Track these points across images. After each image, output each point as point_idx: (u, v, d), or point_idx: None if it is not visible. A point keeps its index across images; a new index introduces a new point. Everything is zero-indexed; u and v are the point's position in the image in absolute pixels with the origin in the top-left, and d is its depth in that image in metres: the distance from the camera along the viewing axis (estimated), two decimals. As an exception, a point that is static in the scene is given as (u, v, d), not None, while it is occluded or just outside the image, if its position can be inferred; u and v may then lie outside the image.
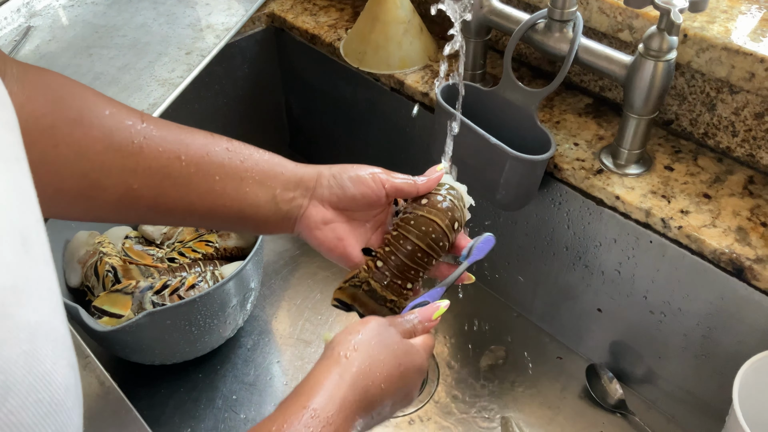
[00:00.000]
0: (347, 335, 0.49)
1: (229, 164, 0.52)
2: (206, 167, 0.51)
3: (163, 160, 0.49)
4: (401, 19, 0.91)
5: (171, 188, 0.50)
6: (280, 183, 0.54)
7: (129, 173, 0.48)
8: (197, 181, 0.50)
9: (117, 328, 0.73)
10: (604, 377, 0.85)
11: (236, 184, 0.52)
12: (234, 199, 0.52)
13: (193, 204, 0.51)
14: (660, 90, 0.69)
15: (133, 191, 0.48)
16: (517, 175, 0.75)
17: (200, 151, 0.51)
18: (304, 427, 0.42)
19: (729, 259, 0.66)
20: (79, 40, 0.99)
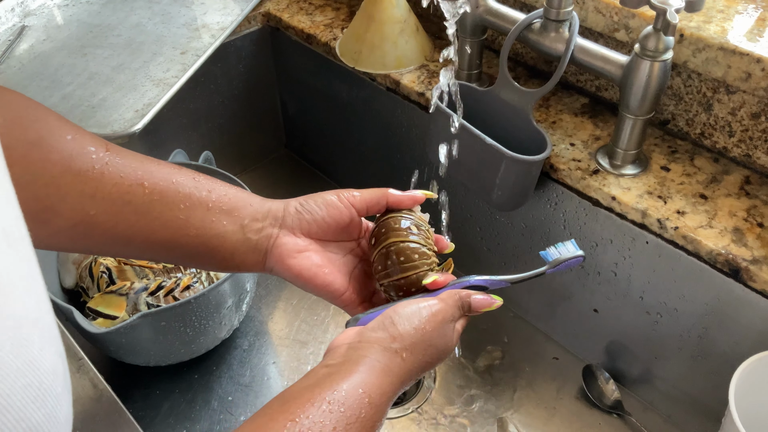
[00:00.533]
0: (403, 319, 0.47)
1: (195, 193, 0.50)
2: (171, 195, 0.49)
3: (124, 187, 0.47)
4: (397, 18, 0.91)
5: (131, 215, 0.47)
6: (248, 214, 0.52)
7: (87, 198, 0.45)
8: (160, 209, 0.48)
9: (111, 329, 0.73)
10: (600, 378, 0.85)
11: (202, 213, 0.50)
12: (199, 228, 0.50)
13: (155, 233, 0.49)
14: (656, 90, 0.68)
15: (90, 218, 0.46)
16: (513, 176, 0.75)
17: (165, 179, 0.49)
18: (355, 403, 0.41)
19: (725, 260, 0.66)
20: (74, 39, 0.99)
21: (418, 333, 0.46)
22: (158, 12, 1.05)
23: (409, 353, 0.46)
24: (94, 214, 0.46)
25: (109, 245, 0.49)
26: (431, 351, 0.47)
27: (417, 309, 0.48)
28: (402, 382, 0.45)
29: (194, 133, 1.10)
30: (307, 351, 0.91)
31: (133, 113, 0.84)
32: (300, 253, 0.52)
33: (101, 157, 0.47)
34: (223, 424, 0.83)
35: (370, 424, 0.42)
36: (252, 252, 0.52)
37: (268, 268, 0.53)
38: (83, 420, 0.56)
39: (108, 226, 0.47)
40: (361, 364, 0.44)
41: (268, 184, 1.18)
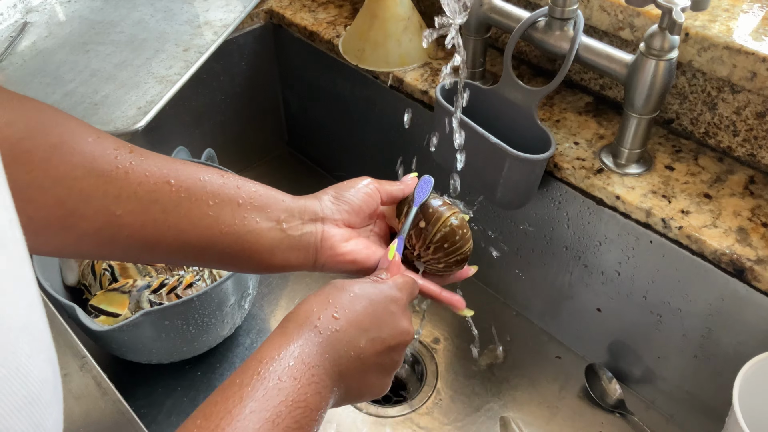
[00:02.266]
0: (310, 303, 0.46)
1: (223, 190, 0.48)
2: (198, 192, 0.47)
3: (150, 185, 0.45)
4: (400, 16, 0.91)
5: (159, 214, 0.46)
6: (282, 210, 0.51)
7: (111, 199, 0.44)
8: (189, 206, 0.47)
9: (114, 327, 0.73)
10: (603, 377, 0.85)
11: (232, 210, 0.48)
12: (231, 226, 0.48)
13: (185, 232, 0.47)
14: (661, 89, 0.68)
15: (116, 218, 0.44)
16: (517, 175, 0.75)
17: (192, 177, 0.47)
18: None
19: (729, 260, 0.66)
20: (76, 36, 0.98)
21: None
22: (161, 9, 1.05)
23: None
24: (120, 214, 0.45)
25: (136, 248, 0.47)
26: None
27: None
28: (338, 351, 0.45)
29: (196, 131, 1.10)
30: (309, 349, 0.91)
31: (136, 110, 0.84)
32: (347, 241, 0.54)
33: (125, 157, 0.45)
34: (225, 422, 0.83)
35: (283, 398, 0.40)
36: (295, 250, 0.52)
37: (319, 264, 0.53)
38: (87, 418, 0.56)
39: (135, 228, 0.45)
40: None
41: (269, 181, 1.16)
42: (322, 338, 0.43)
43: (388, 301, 0.48)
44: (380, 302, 0.47)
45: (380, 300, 0.47)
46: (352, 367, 0.45)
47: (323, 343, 0.43)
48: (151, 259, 0.49)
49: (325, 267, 0.54)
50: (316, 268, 0.54)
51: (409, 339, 0.49)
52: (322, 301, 0.46)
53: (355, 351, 0.45)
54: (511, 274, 0.93)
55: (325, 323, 0.44)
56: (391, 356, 0.48)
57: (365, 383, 0.47)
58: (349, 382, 0.45)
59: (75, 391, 0.57)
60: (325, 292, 0.47)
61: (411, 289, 0.52)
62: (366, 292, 0.47)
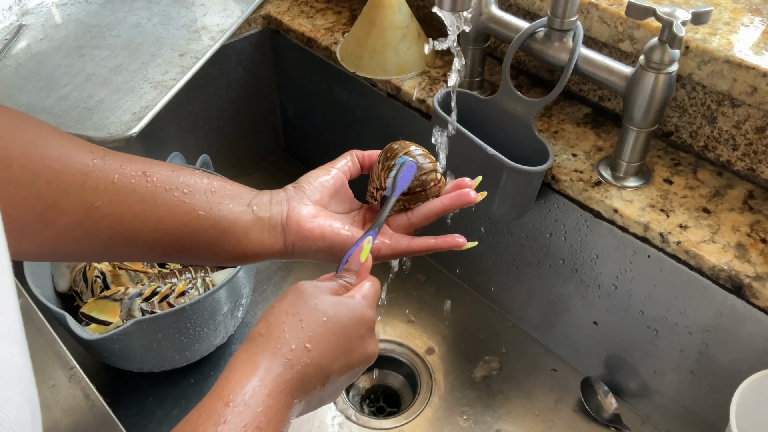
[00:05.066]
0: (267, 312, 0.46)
1: (196, 181, 0.50)
2: (173, 182, 0.49)
3: (126, 176, 0.47)
4: (399, 24, 0.90)
5: (137, 204, 0.47)
6: (252, 195, 0.53)
7: (90, 191, 0.45)
8: (165, 195, 0.48)
9: (105, 336, 0.72)
10: (599, 390, 0.84)
11: (207, 197, 0.50)
12: (206, 211, 0.50)
13: (163, 221, 0.48)
14: (660, 103, 0.68)
15: (95, 210, 0.45)
16: (514, 186, 0.74)
17: (166, 169, 0.49)
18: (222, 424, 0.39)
19: (728, 276, 0.65)
20: (72, 39, 0.98)
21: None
22: (157, 13, 1.04)
23: None
24: (99, 206, 0.45)
25: (116, 241, 0.47)
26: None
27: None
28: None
29: (192, 136, 1.09)
30: (302, 359, 0.90)
31: (131, 116, 0.83)
32: (315, 217, 0.53)
33: (99, 153, 0.47)
34: None
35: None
36: (267, 231, 0.52)
37: (288, 243, 0.53)
38: (74, 430, 0.55)
39: (114, 219, 0.46)
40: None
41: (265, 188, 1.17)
42: (293, 373, 0.43)
43: (359, 323, 0.47)
44: (352, 328, 0.46)
45: (352, 325, 0.46)
46: (317, 390, 0.45)
47: (293, 379, 0.43)
48: (130, 254, 0.50)
49: (295, 247, 0.53)
50: (287, 247, 0.53)
51: (373, 360, 0.49)
52: (294, 324, 0.44)
53: (322, 379, 0.45)
54: (508, 286, 0.92)
55: (298, 356, 0.43)
56: (354, 373, 0.48)
57: (325, 396, 0.47)
58: (310, 400, 0.45)
59: (63, 402, 0.56)
60: (296, 309, 0.45)
61: (378, 298, 0.51)
62: (338, 315, 0.46)
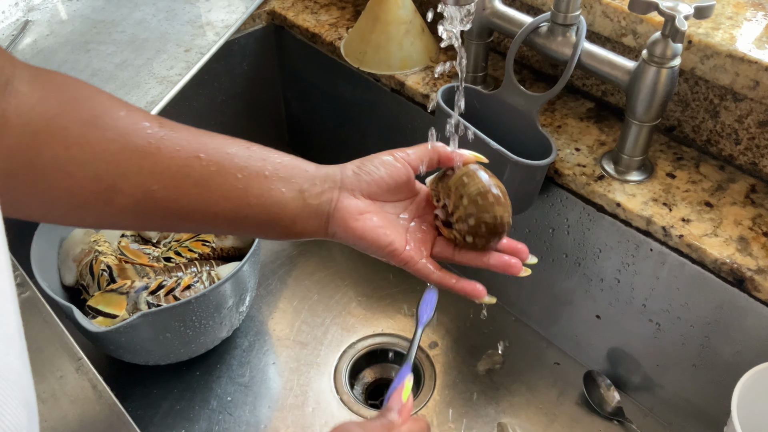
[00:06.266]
0: None
1: (250, 162, 0.50)
2: (227, 166, 0.49)
3: (181, 160, 0.47)
4: (403, 19, 0.90)
5: (192, 188, 0.48)
6: (306, 179, 0.52)
7: (146, 174, 0.46)
8: (219, 180, 0.49)
9: (111, 328, 0.72)
10: (601, 384, 0.84)
11: (260, 181, 0.50)
12: (258, 197, 0.50)
13: (216, 204, 0.49)
14: (663, 97, 0.68)
15: (152, 193, 0.46)
16: (517, 180, 0.75)
17: (220, 150, 0.49)
18: None
19: (730, 269, 0.65)
20: (77, 35, 0.98)
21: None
22: (162, 9, 1.04)
23: None
24: (156, 189, 0.46)
25: (172, 220, 0.49)
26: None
27: None
28: None
29: (197, 131, 1.10)
30: (306, 352, 0.91)
31: (136, 111, 0.84)
32: (362, 215, 0.53)
33: (156, 131, 0.47)
34: (221, 424, 0.82)
35: None
36: (313, 217, 0.52)
37: (330, 232, 0.53)
38: (82, 421, 0.56)
39: (169, 201, 0.47)
40: None
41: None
42: None
43: None
44: None
45: None
46: None
47: None
48: (185, 229, 0.52)
49: (336, 236, 0.54)
50: (328, 235, 0.54)
51: None
52: None
53: None
54: (510, 280, 0.93)
55: None
56: None
57: None
58: None
59: (70, 393, 0.57)
60: None
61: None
62: None
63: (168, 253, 0.89)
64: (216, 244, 0.90)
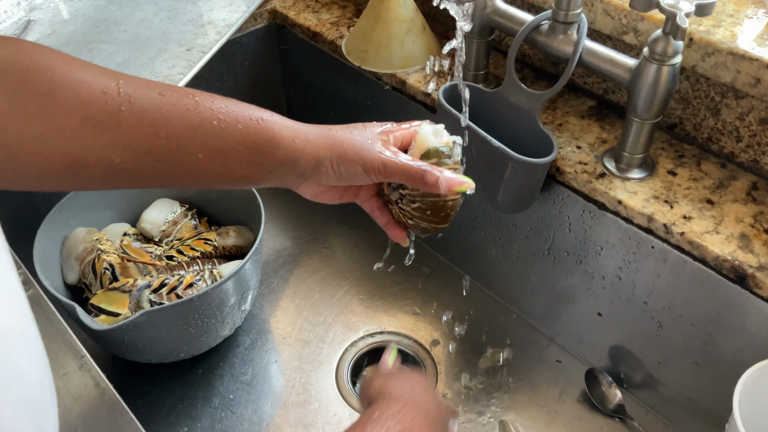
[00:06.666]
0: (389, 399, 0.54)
1: (213, 142, 0.49)
2: (188, 145, 0.48)
3: (141, 136, 0.47)
4: (404, 17, 0.91)
5: (154, 163, 0.48)
6: (273, 162, 0.52)
7: (108, 148, 0.46)
8: (180, 158, 0.48)
9: (114, 326, 0.73)
10: (603, 381, 0.84)
11: (222, 161, 0.50)
12: (221, 175, 0.51)
13: (180, 178, 0.50)
14: (664, 94, 0.68)
15: (116, 166, 0.46)
16: (519, 178, 0.75)
17: (180, 128, 0.48)
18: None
19: (731, 267, 0.65)
20: (79, 34, 0.98)
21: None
22: (164, 8, 1.04)
23: None
24: (119, 162, 0.46)
25: (140, 185, 0.50)
26: None
27: None
28: None
29: (199, 130, 1.10)
30: (308, 350, 0.91)
31: (138, 110, 0.84)
32: (319, 194, 0.59)
33: (115, 102, 0.46)
34: (224, 422, 0.83)
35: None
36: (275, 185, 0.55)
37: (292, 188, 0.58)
38: (85, 418, 0.56)
39: (134, 173, 0.48)
40: None
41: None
42: None
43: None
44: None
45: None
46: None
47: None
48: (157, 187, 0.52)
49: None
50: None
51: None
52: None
53: None
54: (512, 278, 0.93)
55: None
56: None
57: None
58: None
59: (74, 390, 0.57)
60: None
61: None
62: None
63: (170, 252, 0.89)
64: (218, 243, 0.90)
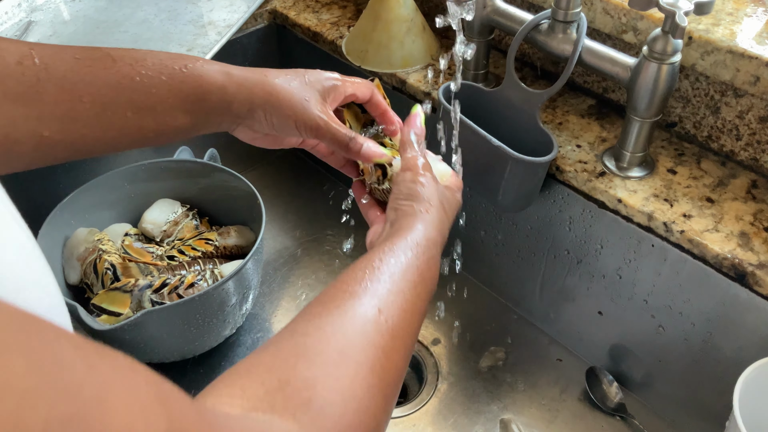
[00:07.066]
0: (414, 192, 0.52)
1: (139, 97, 0.48)
2: (114, 106, 0.47)
3: (65, 104, 0.45)
4: (404, 17, 0.91)
5: (84, 129, 0.47)
6: (205, 109, 0.51)
7: (34, 121, 0.44)
8: (108, 119, 0.47)
9: (115, 326, 0.73)
10: (603, 380, 0.85)
11: (152, 116, 0.49)
12: (155, 131, 0.50)
13: (114, 140, 0.48)
14: (664, 93, 0.68)
15: (46, 139, 0.45)
16: (519, 177, 0.75)
17: (103, 89, 0.47)
18: (412, 248, 0.46)
19: (731, 265, 0.65)
20: (80, 35, 0.99)
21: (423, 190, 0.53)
22: (165, 8, 1.05)
23: (431, 206, 0.52)
24: (49, 135, 0.45)
25: (78, 154, 0.49)
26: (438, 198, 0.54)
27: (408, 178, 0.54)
28: (439, 229, 0.51)
29: (199, 130, 1.10)
30: (310, 350, 0.91)
31: (139, 110, 0.84)
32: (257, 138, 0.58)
33: (32, 72, 0.44)
34: (225, 421, 0.83)
35: (426, 255, 0.47)
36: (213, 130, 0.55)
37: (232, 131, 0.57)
38: (87, 417, 0.56)
39: (67, 143, 0.46)
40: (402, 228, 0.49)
41: (272, 182, 1.18)
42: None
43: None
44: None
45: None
46: None
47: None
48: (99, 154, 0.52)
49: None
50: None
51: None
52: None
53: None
54: (513, 277, 0.93)
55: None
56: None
57: None
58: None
59: (76, 390, 0.57)
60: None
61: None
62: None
63: (171, 252, 0.89)
64: (219, 243, 0.90)
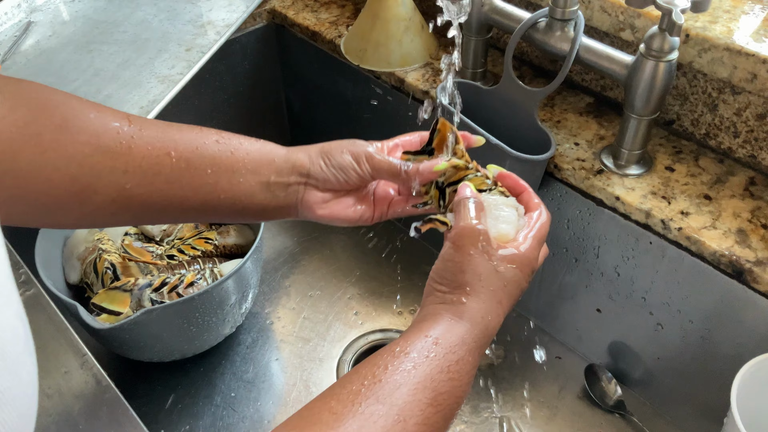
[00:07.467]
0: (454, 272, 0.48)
1: (219, 157, 0.52)
2: (197, 162, 0.51)
3: (152, 158, 0.49)
4: (402, 16, 0.91)
5: (163, 185, 0.50)
6: (273, 170, 0.54)
7: (120, 174, 0.48)
8: (189, 176, 0.51)
9: (115, 325, 0.73)
10: (602, 377, 0.85)
11: (228, 175, 0.52)
12: (227, 191, 0.53)
13: (188, 199, 0.52)
14: (661, 90, 0.68)
15: (126, 191, 0.49)
16: (517, 175, 0.75)
17: (190, 146, 0.51)
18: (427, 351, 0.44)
19: (729, 261, 0.66)
20: (80, 35, 0.99)
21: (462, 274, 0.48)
22: (164, 8, 1.05)
23: (468, 294, 0.47)
24: (129, 187, 0.49)
25: (147, 215, 0.52)
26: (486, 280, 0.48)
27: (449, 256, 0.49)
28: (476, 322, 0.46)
29: (199, 130, 1.10)
30: (309, 348, 0.91)
31: (138, 110, 0.84)
32: (326, 202, 0.57)
33: (126, 131, 0.49)
34: (225, 420, 0.83)
35: (443, 364, 0.44)
36: (281, 208, 0.56)
37: (301, 216, 0.57)
38: (87, 416, 0.56)
39: (143, 198, 0.50)
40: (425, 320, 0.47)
41: (272, 180, 1.19)
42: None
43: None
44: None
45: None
46: None
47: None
48: (160, 221, 0.55)
49: (308, 218, 0.58)
50: (299, 217, 0.58)
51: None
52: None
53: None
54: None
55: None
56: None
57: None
58: None
59: (75, 388, 0.58)
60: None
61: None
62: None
63: (171, 251, 0.89)
64: (219, 242, 0.91)
